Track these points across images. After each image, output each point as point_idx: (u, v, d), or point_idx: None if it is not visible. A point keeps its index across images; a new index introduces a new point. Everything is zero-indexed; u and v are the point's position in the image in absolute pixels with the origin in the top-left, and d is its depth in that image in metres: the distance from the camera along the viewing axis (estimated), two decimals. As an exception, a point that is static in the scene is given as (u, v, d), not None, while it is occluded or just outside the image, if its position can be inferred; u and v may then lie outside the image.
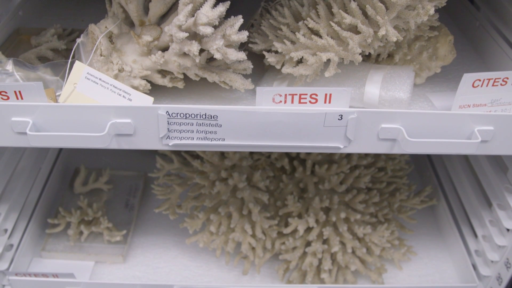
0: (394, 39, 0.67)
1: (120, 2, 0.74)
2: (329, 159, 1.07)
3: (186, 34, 0.64)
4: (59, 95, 0.74)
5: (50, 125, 0.69)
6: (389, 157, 1.15)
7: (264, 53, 0.74)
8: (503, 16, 0.93)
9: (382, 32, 0.66)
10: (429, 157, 1.29)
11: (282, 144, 0.70)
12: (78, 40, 0.76)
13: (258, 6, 0.87)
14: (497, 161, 1.01)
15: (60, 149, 1.28)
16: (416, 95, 0.82)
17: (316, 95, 0.66)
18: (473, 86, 0.71)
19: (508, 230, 0.94)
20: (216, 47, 0.65)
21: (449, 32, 0.83)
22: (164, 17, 0.74)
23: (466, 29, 1.03)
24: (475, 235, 1.05)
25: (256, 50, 0.78)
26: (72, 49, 0.78)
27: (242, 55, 0.67)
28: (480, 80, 0.71)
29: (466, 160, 1.14)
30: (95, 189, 1.21)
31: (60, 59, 0.86)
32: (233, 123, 0.67)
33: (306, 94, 0.66)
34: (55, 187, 1.22)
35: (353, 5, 0.67)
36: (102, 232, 1.10)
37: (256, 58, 0.81)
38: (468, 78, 0.70)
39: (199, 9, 0.65)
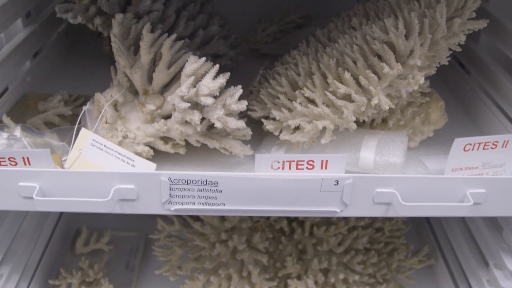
0: (387, 108, 0.70)
1: (125, 71, 0.78)
2: (327, 220, 1.09)
3: (188, 105, 0.68)
4: (65, 160, 0.77)
5: (56, 190, 0.71)
6: (387, 217, 1.17)
7: (263, 120, 0.78)
8: (492, 80, 0.96)
9: (375, 101, 0.69)
10: (426, 217, 1.31)
11: (280, 209, 0.72)
12: (85, 108, 0.79)
13: (257, 73, 0.91)
14: (492, 221, 1.03)
15: (62, 210, 1.30)
16: (410, 158, 0.85)
17: (313, 161, 0.69)
18: (464, 150, 0.74)
19: (505, 290, 0.94)
20: (217, 117, 0.68)
21: (440, 98, 0.86)
22: (167, 86, 0.77)
23: (457, 92, 1.07)
24: (474, 295, 1.06)
25: (255, 116, 0.81)
26: (77, 115, 0.82)
27: (241, 124, 0.70)
28: (471, 144, 0.74)
29: (462, 220, 1.15)
30: (96, 250, 1.22)
31: (66, 125, 0.89)
32: (233, 189, 0.69)
33: (303, 161, 0.68)
34: (56, 248, 1.23)
35: (347, 75, 0.71)
36: (102, 294, 1.11)
37: (255, 122, 0.84)
38: (459, 142, 0.73)
39: (201, 80, 0.68)
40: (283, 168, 0.69)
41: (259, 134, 0.85)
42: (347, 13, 0.93)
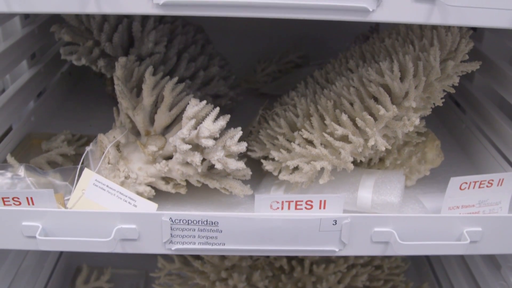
0: (383, 149, 0.72)
1: (128, 113, 0.80)
2: (326, 258, 1.09)
3: (189, 146, 0.69)
4: (67, 200, 0.78)
5: (58, 229, 0.72)
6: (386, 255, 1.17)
7: (262, 161, 0.79)
8: (487, 119, 0.98)
9: (371, 142, 0.71)
10: (425, 253, 1.31)
11: (280, 248, 0.73)
12: (88, 149, 0.81)
13: (256, 113, 0.93)
14: (491, 259, 1.03)
15: (63, 247, 1.30)
16: (407, 197, 0.86)
17: (311, 201, 0.70)
18: (460, 188, 0.75)
19: (504, 328, 0.95)
20: (217, 158, 0.70)
21: (436, 137, 0.88)
22: (168, 127, 0.79)
23: (453, 130, 1.09)
24: (474, 333, 1.06)
25: (254, 157, 0.83)
26: (80, 154, 0.83)
27: (241, 165, 0.72)
28: (466, 183, 0.75)
29: (461, 257, 1.16)
30: (96, 288, 1.22)
31: (69, 164, 0.90)
32: (233, 229, 0.70)
33: (302, 201, 0.70)
34: (57, 286, 1.23)
35: (344, 117, 0.73)
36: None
37: (255, 162, 0.86)
38: (455, 181, 0.74)
39: (202, 122, 0.70)
40: (282, 208, 0.71)
41: (259, 173, 0.86)
42: (344, 54, 0.95)
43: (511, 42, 0.95)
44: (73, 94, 1.22)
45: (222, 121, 0.70)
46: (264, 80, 1.22)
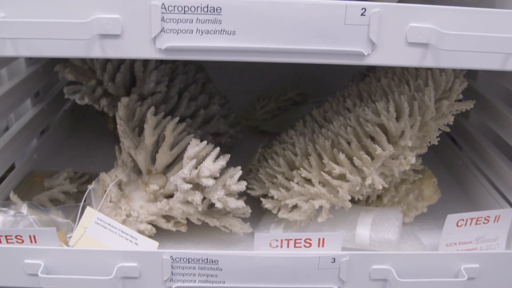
0: (380, 187, 0.73)
1: (130, 152, 0.81)
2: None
3: (190, 186, 0.71)
4: (69, 238, 0.79)
5: (60, 267, 0.73)
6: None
7: (262, 199, 0.81)
8: (483, 155, 1.00)
9: (368, 181, 0.72)
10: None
11: (279, 286, 0.73)
12: (90, 187, 0.82)
13: (256, 151, 0.94)
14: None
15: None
16: (405, 233, 0.87)
17: (310, 239, 0.71)
18: (457, 225, 0.76)
19: None
20: (217, 197, 0.71)
21: (432, 175, 0.89)
22: (169, 166, 0.81)
23: (450, 167, 1.11)
24: None
25: (254, 195, 0.84)
26: (82, 192, 0.85)
27: (241, 203, 0.73)
28: (463, 220, 0.76)
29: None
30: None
31: (71, 202, 0.92)
32: (233, 267, 0.71)
33: (301, 239, 0.71)
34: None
35: (342, 156, 0.74)
36: None
37: (255, 199, 0.87)
38: (451, 218, 0.75)
39: (202, 162, 0.72)
40: (281, 246, 0.72)
41: (259, 211, 0.87)
42: (342, 93, 0.97)
43: (505, 80, 0.97)
44: (76, 132, 1.24)
45: (222, 161, 0.72)
46: (264, 118, 1.24)
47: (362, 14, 0.59)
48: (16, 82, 0.97)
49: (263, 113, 1.24)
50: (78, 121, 1.29)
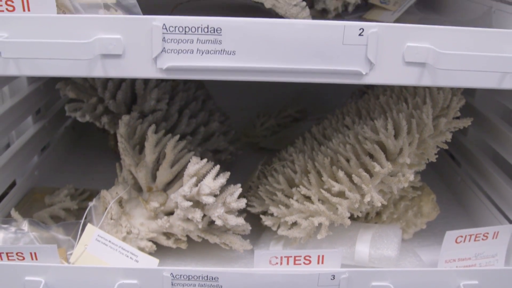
0: (379, 204, 0.74)
1: (131, 169, 0.82)
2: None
3: (190, 203, 0.71)
4: (70, 255, 0.79)
5: (61, 284, 0.73)
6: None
7: (261, 216, 0.81)
8: (482, 171, 1.00)
9: (367, 198, 0.73)
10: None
11: (279, 303, 0.74)
12: (91, 204, 0.83)
13: (255, 168, 0.95)
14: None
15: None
16: (404, 250, 0.87)
17: (310, 256, 0.72)
18: (456, 242, 0.77)
19: None
20: (217, 215, 0.72)
21: (431, 191, 0.90)
22: (170, 184, 0.81)
23: (449, 183, 1.11)
24: None
25: (254, 212, 0.85)
26: (83, 209, 0.85)
27: (241, 221, 0.74)
28: (462, 236, 0.77)
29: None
30: None
31: (71, 219, 0.92)
32: (233, 284, 0.71)
33: (301, 256, 0.71)
34: None
35: (341, 174, 0.75)
36: None
37: (255, 216, 0.87)
38: (450, 235, 0.76)
39: (202, 179, 0.72)
40: (281, 264, 0.72)
41: (258, 228, 0.88)
42: (341, 110, 0.98)
43: (502, 97, 0.98)
44: (76, 149, 1.25)
45: (222, 179, 0.73)
46: (263, 134, 1.24)
47: (360, 34, 0.59)
48: (18, 100, 0.98)
49: (263, 129, 1.25)
50: (79, 138, 1.30)
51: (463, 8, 0.93)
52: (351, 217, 0.78)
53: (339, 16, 0.91)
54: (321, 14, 0.90)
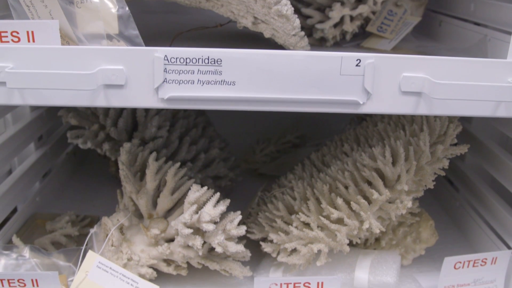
0: (377, 231, 0.75)
1: (132, 196, 0.83)
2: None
3: (191, 231, 0.72)
4: (71, 281, 0.80)
5: (62, 311, 0.74)
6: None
7: (261, 243, 0.82)
8: (480, 197, 1.01)
9: (365, 225, 0.74)
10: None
11: (279, 329, 0.74)
12: (92, 231, 0.84)
13: (255, 194, 0.95)
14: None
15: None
16: (403, 276, 0.87)
17: (309, 283, 0.72)
18: (454, 268, 0.77)
19: None
20: (218, 242, 0.72)
21: (429, 217, 0.91)
22: (170, 211, 0.82)
23: (448, 208, 1.12)
24: None
25: (254, 238, 0.85)
26: (83, 235, 0.86)
27: (241, 248, 0.75)
28: (460, 262, 0.77)
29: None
30: None
31: (72, 245, 0.92)
32: (233, 311, 0.72)
33: (300, 283, 0.72)
34: None
35: (339, 201, 0.76)
36: None
37: (254, 242, 0.88)
38: (449, 261, 0.76)
39: (203, 207, 0.73)
40: (280, 291, 0.73)
41: (258, 254, 0.88)
42: (339, 136, 0.99)
43: (498, 124, 0.99)
44: (78, 175, 1.26)
45: (222, 206, 0.73)
46: (263, 161, 1.25)
47: (357, 65, 0.61)
48: (20, 127, 1.00)
49: (263, 156, 1.26)
50: (80, 164, 1.30)
51: (459, 36, 0.95)
52: (350, 244, 0.79)
53: (337, 44, 0.93)
54: (320, 42, 0.92)
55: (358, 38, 0.96)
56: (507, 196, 0.95)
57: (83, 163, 1.31)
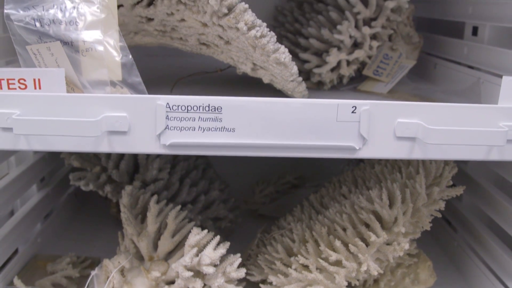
0: (375, 273, 0.75)
1: (133, 239, 0.84)
2: None
3: (191, 274, 0.73)
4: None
5: None
6: None
7: (261, 285, 0.83)
8: (478, 238, 1.02)
9: (363, 268, 0.75)
10: None
11: None
12: (93, 273, 0.84)
13: (255, 236, 0.96)
14: None
15: None
16: (403, 317, 0.88)
17: (308, 326, 0.73)
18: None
19: None
20: (218, 284, 0.73)
21: (427, 258, 0.91)
22: (171, 253, 0.83)
23: (446, 248, 1.13)
24: None
25: (253, 280, 0.86)
26: (84, 276, 0.87)
27: (240, 291, 0.76)
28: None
29: None
30: None
31: (73, 286, 0.93)
32: None
33: (299, 326, 0.73)
34: None
35: (338, 243, 0.77)
36: None
37: (254, 284, 0.88)
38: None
39: (203, 249, 0.74)
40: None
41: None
42: (337, 178, 1.01)
43: (493, 165, 1.01)
44: (79, 216, 1.27)
45: (222, 249, 0.74)
46: (263, 201, 1.26)
47: (353, 112, 0.63)
48: (23, 169, 1.01)
49: (262, 196, 1.27)
50: (81, 205, 1.31)
51: (453, 78, 0.97)
52: (349, 286, 0.79)
53: (334, 88, 0.95)
54: (317, 85, 0.94)
55: (355, 81, 0.98)
56: (505, 237, 0.96)
57: (84, 204, 1.32)
